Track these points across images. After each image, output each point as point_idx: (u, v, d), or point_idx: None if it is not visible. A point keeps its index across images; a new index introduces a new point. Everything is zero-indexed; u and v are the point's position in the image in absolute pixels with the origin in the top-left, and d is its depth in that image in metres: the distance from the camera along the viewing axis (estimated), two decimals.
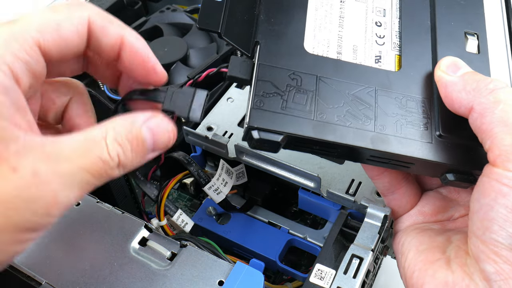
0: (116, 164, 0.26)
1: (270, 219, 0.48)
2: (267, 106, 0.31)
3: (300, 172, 0.43)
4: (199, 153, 0.50)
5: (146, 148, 0.27)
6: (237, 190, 0.49)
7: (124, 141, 0.26)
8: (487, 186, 0.28)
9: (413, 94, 0.33)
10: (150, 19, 0.62)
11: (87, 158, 0.25)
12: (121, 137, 0.26)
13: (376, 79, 0.34)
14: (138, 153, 0.27)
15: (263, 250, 0.46)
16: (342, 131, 0.31)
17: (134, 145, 0.27)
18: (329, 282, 0.35)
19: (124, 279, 0.35)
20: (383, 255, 0.45)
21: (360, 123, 0.32)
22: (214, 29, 0.32)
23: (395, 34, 0.36)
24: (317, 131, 0.31)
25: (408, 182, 0.37)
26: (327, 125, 0.31)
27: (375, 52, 0.35)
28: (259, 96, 0.31)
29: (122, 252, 0.36)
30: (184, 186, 0.56)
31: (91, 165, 0.25)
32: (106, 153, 0.25)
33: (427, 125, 0.33)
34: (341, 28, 0.35)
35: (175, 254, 0.36)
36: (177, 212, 0.43)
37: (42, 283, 0.35)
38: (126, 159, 0.26)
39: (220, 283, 0.34)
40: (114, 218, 0.38)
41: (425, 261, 0.32)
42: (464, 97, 0.30)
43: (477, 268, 0.29)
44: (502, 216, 0.27)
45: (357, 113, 0.32)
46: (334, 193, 0.42)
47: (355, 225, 0.40)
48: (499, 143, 0.27)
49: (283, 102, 0.31)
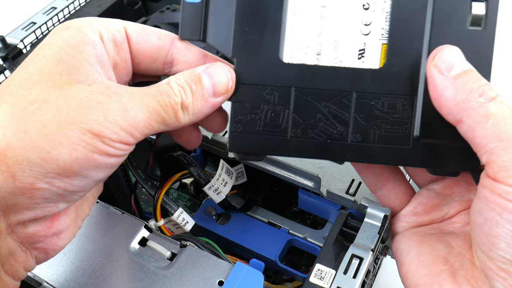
0: (180, 101, 0.29)
1: (270, 219, 0.48)
2: (244, 129, 0.32)
3: (300, 172, 0.43)
4: (199, 153, 0.50)
5: (206, 90, 0.30)
6: (237, 190, 0.49)
7: (184, 84, 0.30)
8: (491, 200, 0.27)
9: (395, 93, 0.31)
10: (150, 19, 0.62)
11: (153, 89, 0.29)
12: (181, 81, 0.30)
13: (356, 81, 0.32)
14: (198, 94, 0.30)
15: (263, 250, 0.46)
16: (317, 146, 0.31)
17: (194, 86, 0.30)
18: (329, 282, 0.35)
19: (124, 279, 0.35)
20: (383, 255, 0.45)
21: (335, 135, 0.32)
22: (195, 38, 0.32)
23: (385, 16, 0.32)
24: (291, 149, 0.32)
25: (396, 178, 0.36)
26: (302, 141, 0.31)
27: (359, 46, 0.32)
28: (236, 119, 0.32)
29: (122, 252, 0.36)
30: (184, 186, 0.56)
31: (156, 93, 0.29)
32: (170, 89, 0.29)
33: (406, 127, 0.31)
34: (322, 21, 0.32)
35: (175, 254, 0.36)
36: (177, 210, 0.43)
37: (42, 283, 0.35)
38: (187, 99, 0.30)
39: (220, 283, 0.34)
40: (114, 218, 0.38)
41: (429, 275, 0.31)
42: (452, 108, 0.29)
43: (486, 282, 0.28)
44: (509, 233, 0.26)
45: (332, 124, 0.32)
46: (334, 193, 0.42)
47: (355, 225, 0.40)
48: (497, 160, 0.27)
49: (259, 123, 0.32)
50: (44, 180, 0.26)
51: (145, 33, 0.32)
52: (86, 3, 0.60)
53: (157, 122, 0.29)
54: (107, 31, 0.31)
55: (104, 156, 0.27)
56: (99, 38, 0.30)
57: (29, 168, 0.25)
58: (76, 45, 0.29)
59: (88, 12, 0.59)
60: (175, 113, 0.29)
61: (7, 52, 0.52)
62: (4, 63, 0.52)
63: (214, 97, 0.31)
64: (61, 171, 0.26)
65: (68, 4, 0.58)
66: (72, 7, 0.59)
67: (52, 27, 0.56)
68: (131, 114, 0.27)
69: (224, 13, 0.32)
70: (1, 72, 0.51)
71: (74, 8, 0.59)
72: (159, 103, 0.28)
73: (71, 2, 0.59)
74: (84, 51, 0.29)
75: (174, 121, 0.29)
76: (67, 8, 0.58)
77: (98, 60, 0.29)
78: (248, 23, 0.32)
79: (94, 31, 0.30)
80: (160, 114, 0.29)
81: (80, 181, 0.27)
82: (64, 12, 0.58)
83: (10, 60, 0.52)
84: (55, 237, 0.29)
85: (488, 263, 0.28)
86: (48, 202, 0.27)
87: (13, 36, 0.53)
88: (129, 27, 0.32)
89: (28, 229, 0.27)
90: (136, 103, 0.28)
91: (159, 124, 0.29)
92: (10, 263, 0.28)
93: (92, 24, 0.30)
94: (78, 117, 0.26)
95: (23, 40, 0.53)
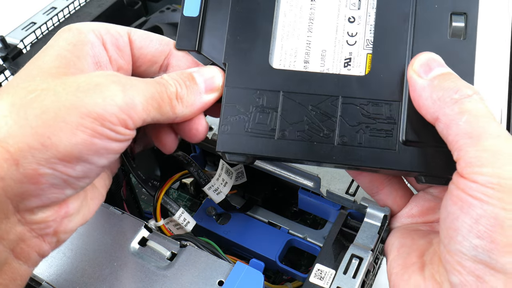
0: (175, 91, 0.31)
1: (270, 219, 0.48)
2: (232, 130, 0.33)
3: (300, 172, 0.43)
4: (199, 153, 0.50)
5: (198, 86, 0.32)
6: (237, 190, 0.49)
7: (178, 78, 0.31)
8: (455, 195, 0.27)
9: (381, 98, 0.32)
10: (150, 19, 0.62)
11: (150, 79, 0.30)
12: (175, 75, 0.32)
13: (342, 86, 0.32)
14: (191, 88, 0.32)
15: (263, 250, 0.46)
16: (303, 148, 0.32)
17: (187, 81, 0.32)
18: (329, 282, 0.35)
19: (124, 279, 0.35)
20: (383, 255, 0.45)
21: (321, 137, 0.32)
22: (191, 49, 0.34)
23: (369, 28, 0.33)
24: (278, 150, 0.32)
25: (392, 183, 0.36)
26: (289, 142, 0.32)
27: (345, 55, 0.33)
28: (226, 120, 0.33)
29: (122, 252, 0.36)
30: (184, 186, 0.56)
31: (153, 81, 0.30)
32: (166, 81, 0.31)
33: (392, 131, 0.32)
34: (310, 33, 0.34)
35: (175, 254, 0.36)
36: (179, 210, 0.43)
37: (42, 283, 0.35)
38: (182, 91, 0.31)
39: (220, 283, 0.35)
40: (114, 218, 0.38)
41: (402, 265, 0.32)
42: (430, 106, 0.29)
43: (446, 278, 0.29)
44: (467, 227, 0.26)
45: (318, 126, 0.32)
46: (334, 193, 0.42)
47: (354, 225, 0.40)
48: (464, 156, 0.27)
49: (247, 124, 0.33)
50: (47, 166, 0.26)
51: (148, 38, 0.34)
52: (86, 3, 0.60)
53: (153, 108, 0.29)
54: (109, 35, 0.32)
55: (104, 140, 0.27)
56: (99, 40, 0.31)
57: (31, 154, 0.25)
58: (75, 44, 0.30)
59: (88, 12, 0.59)
60: (170, 101, 0.30)
61: (7, 52, 0.52)
62: (4, 63, 0.53)
63: (206, 93, 0.32)
64: (62, 156, 0.26)
65: (68, 4, 0.58)
66: (72, 7, 0.59)
67: (52, 27, 0.56)
68: (129, 95, 0.28)
69: (219, 26, 0.34)
70: (1, 72, 0.51)
71: (74, 8, 0.59)
72: (156, 90, 0.30)
73: (71, 2, 0.59)
74: (83, 50, 0.30)
75: (168, 111, 0.30)
76: (67, 8, 0.58)
77: (95, 61, 0.31)
78: (240, 32, 0.34)
79: (95, 34, 0.31)
80: (157, 100, 0.30)
81: (82, 167, 0.27)
82: (64, 12, 0.58)
83: (10, 60, 0.52)
84: (65, 220, 0.29)
85: (447, 257, 0.28)
86: (54, 188, 0.27)
87: (13, 36, 0.53)
88: (133, 33, 0.33)
89: (37, 215, 0.27)
90: (134, 87, 0.29)
91: (155, 110, 0.29)
92: (21, 248, 0.28)
93: (93, 27, 0.31)
94: (76, 101, 0.26)
95: (23, 40, 0.53)
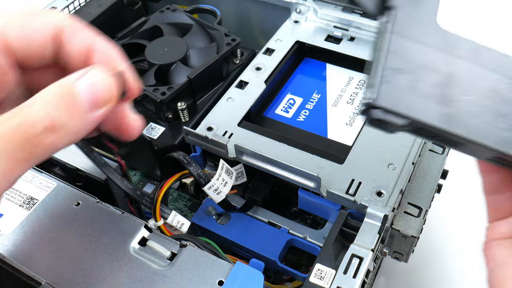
0: (44, 126, 0.23)
1: (270, 219, 0.48)
2: (396, 84, 0.27)
3: (300, 172, 0.43)
4: (199, 153, 0.50)
5: (82, 103, 0.25)
6: (237, 190, 0.49)
7: (53, 99, 0.24)
8: None
9: None
10: (150, 19, 0.62)
11: (7, 123, 0.23)
12: (50, 96, 0.24)
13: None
14: (73, 110, 0.24)
15: (263, 250, 0.46)
16: (472, 126, 0.27)
17: (67, 101, 0.24)
18: (329, 282, 0.35)
19: (124, 279, 0.35)
20: (383, 255, 0.45)
21: (494, 120, 0.27)
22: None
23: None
24: (445, 121, 0.27)
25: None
26: (457, 115, 0.27)
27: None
28: (390, 70, 0.27)
29: (122, 252, 0.36)
30: (184, 186, 0.56)
31: (10, 132, 0.23)
32: (30, 116, 0.23)
33: None
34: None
35: (175, 254, 0.36)
36: (171, 213, 0.43)
37: (42, 283, 0.35)
38: (60, 119, 0.24)
39: (220, 283, 0.34)
40: (114, 218, 0.38)
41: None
42: None
43: None
44: None
45: (491, 107, 0.27)
46: (334, 193, 0.42)
47: (355, 225, 0.40)
48: None
49: (413, 82, 0.27)
50: None
51: (25, 31, 0.27)
52: (86, 3, 0.60)
53: (19, 163, 0.23)
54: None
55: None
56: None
57: None
58: None
59: (88, 12, 0.59)
60: (40, 143, 0.24)
61: None
62: None
63: (94, 110, 0.26)
64: None
65: (68, 4, 0.58)
66: (72, 7, 0.59)
67: None
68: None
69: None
70: None
71: (74, 8, 0.59)
72: (16, 143, 0.23)
73: (71, 2, 0.59)
74: None
75: (46, 152, 0.24)
76: (67, 8, 0.58)
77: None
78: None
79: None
80: (20, 154, 0.23)
81: None
82: (64, 12, 0.58)
83: None
84: None
85: None
86: None
87: None
88: (9, 31, 0.27)
89: None
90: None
91: (26, 164, 0.23)
92: None
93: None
94: None
95: None
